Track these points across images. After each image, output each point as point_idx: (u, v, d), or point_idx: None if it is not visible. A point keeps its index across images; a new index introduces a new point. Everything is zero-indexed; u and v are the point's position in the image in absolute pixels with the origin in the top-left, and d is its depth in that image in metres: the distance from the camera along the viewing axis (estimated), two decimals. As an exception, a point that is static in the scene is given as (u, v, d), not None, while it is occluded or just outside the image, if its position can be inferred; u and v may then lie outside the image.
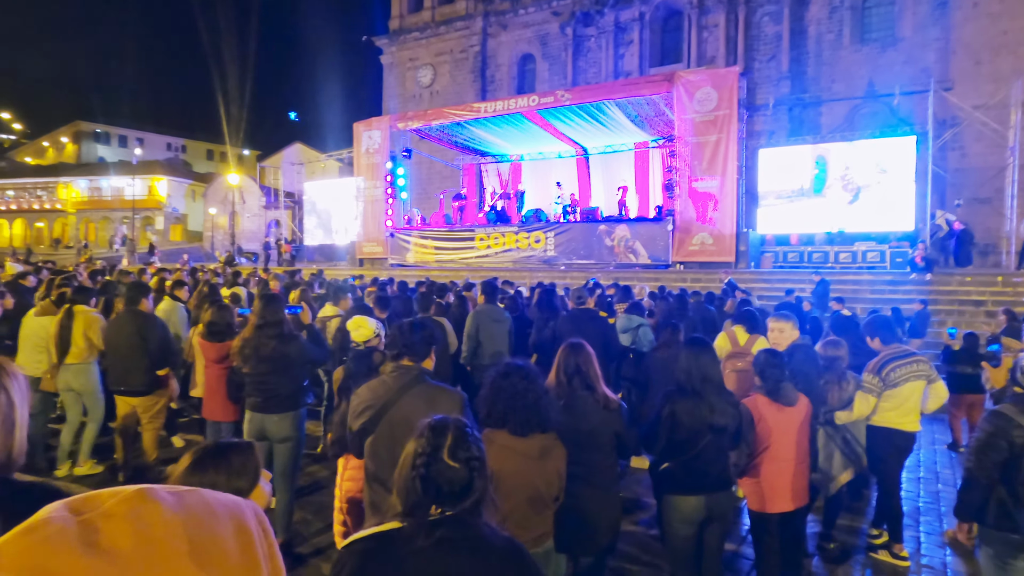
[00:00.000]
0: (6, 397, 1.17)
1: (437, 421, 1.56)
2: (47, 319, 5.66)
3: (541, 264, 18.60)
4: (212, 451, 1.68)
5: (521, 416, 2.32)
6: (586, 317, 5.40)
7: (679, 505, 3.02)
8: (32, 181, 48.45)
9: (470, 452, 1.51)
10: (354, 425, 2.62)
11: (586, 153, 22.41)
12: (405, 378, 2.60)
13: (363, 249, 22.42)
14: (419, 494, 1.46)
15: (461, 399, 2.60)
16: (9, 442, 1.17)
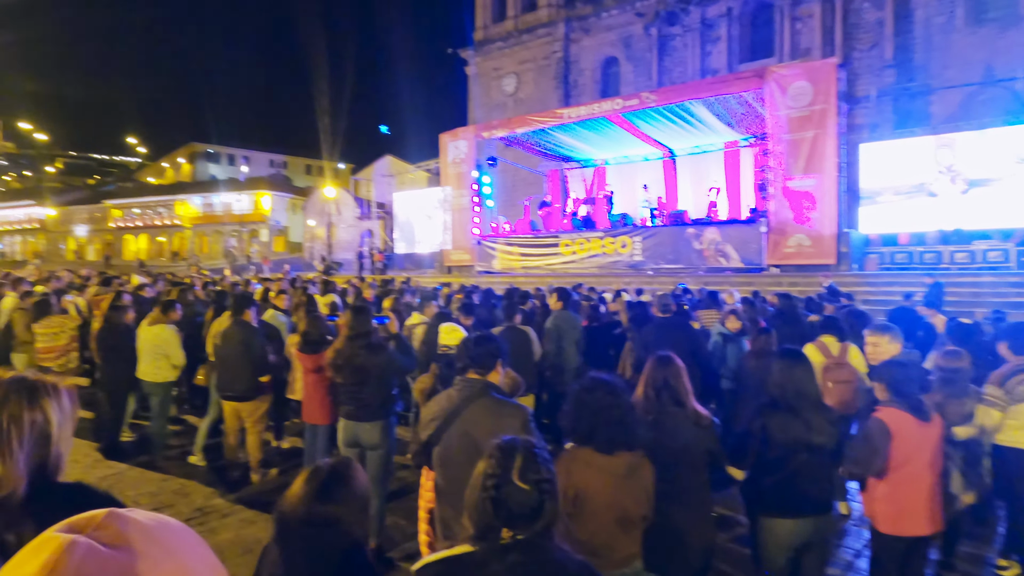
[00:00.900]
0: (43, 416, 1.28)
1: (506, 442, 1.55)
2: (158, 327, 6.15)
3: (628, 269, 18.31)
4: (327, 478, 1.77)
5: (607, 432, 2.28)
6: (673, 326, 5.26)
7: (773, 528, 2.86)
8: (154, 199, 52.80)
9: (540, 474, 1.49)
10: (422, 436, 2.67)
11: (673, 155, 21.89)
12: (469, 391, 2.61)
13: (451, 257, 22.91)
14: (490, 516, 1.45)
15: (525, 414, 2.59)
16: (43, 454, 1.27)
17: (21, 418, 1.25)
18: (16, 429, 1.24)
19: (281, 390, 5.97)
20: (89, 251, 53.81)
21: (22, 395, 1.28)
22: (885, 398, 3.12)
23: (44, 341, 6.84)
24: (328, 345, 5.11)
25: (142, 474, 5.91)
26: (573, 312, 6.38)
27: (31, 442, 1.25)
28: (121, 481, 5.75)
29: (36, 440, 1.26)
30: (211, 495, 5.40)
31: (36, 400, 1.29)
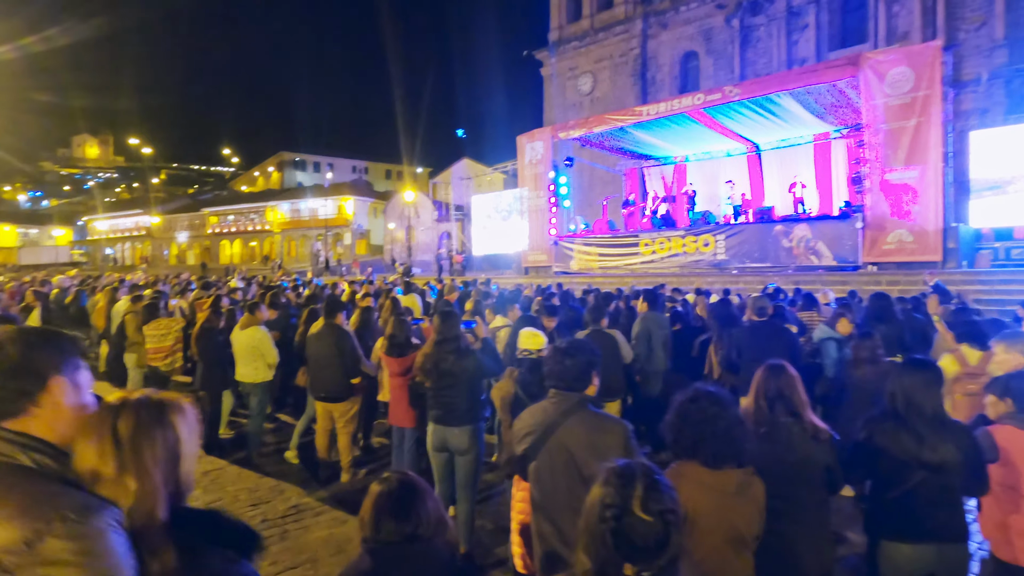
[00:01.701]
0: (173, 434, 1.27)
1: (623, 468, 1.42)
2: (251, 330, 6.41)
3: (711, 268, 17.72)
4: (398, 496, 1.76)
5: (712, 446, 2.14)
6: (769, 330, 4.98)
7: (891, 554, 2.61)
8: (246, 206, 55.83)
9: (663, 504, 1.35)
10: (517, 449, 2.60)
11: (758, 149, 21.03)
12: (565, 404, 2.52)
13: (528, 258, 22.93)
14: (610, 550, 1.33)
15: (625, 429, 2.47)
16: (175, 473, 1.26)
17: (154, 437, 1.24)
18: (150, 449, 1.22)
19: (373, 392, 6.09)
20: (189, 256, 57.47)
21: (152, 413, 1.27)
22: (1004, 412, 2.81)
23: (153, 342, 7.29)
24: (414, 348, 5.17)
25: (240, 471, 6.18)
26: (661, 313, 6.18)
27: (165, 461, 1.24)
28: (222, 476, 6.04)
29: (168, 459, 1.25)
30: (304, 493, 5.57)
31: (165, 417, 1.28)
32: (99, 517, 1.07)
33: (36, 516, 1.04)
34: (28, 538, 1.02)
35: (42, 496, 1.08)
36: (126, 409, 1.25)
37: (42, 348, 1.26)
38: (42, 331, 1.33)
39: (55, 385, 1.24)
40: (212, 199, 62.46)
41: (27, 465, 1.16)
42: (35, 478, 1.14)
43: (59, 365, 1.26)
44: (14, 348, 1.23)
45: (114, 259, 61.81)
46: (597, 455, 2.37)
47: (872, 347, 4.40)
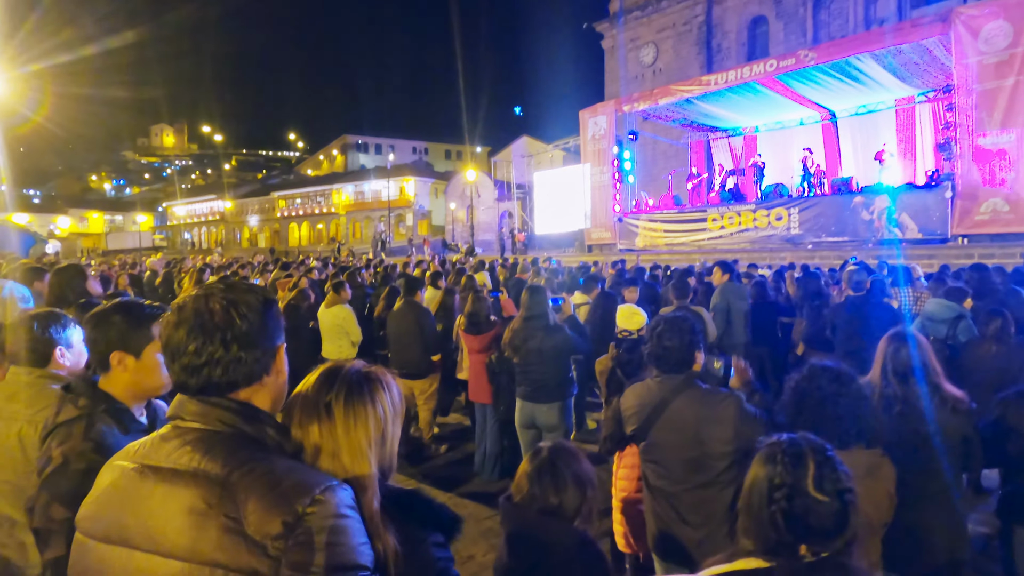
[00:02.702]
0: (381, 410, 1.22)
1: (791, 444, 1.35)
2: (336, 308, 6.59)
3: (783, 243, 17.07)
4: (545, 463, 1.78)
5: (834, 426, 2.04)
6: (866, 306, 4.74)
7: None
8: (312, 189, 57.40)
9: (840, 483, 1.28)
10: (626, 429, 2.57)
11: (834, 117, 20.00)
12: (672, 383, 2.47)
13: (591, 235, 22.69)
14: (782, 532, 1.27)
15: (738, 399, 2.41)
16: (383, 455, 1.21)
17: (365, 416, 1.19)
18: (363, 428, 1.18)
19: (452, 369, 6.17)
20: (260, 239, 59.69)
21: (363, 388, 1.22)
22: None
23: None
24: (493, 325, 5.20)
25: (327, 446, 6.40)
26: (739, 284, 5.97)
27: (375, 442, 1.20)
28: (309, 450, 6.27)
29: (377, 440, 1.20)
30: (389, 467, 5.73)
31: (375, 393, 1.23)
32: (341, 497, 1.06)
33: (292, 498, 1.02)
34: (288, 522, 1.00)
35: (287, 475, 1.05)
36: (339, 384, 1.21)
37: (274, 313, 1.21)
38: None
39: (282, 353, 1.21)
40: (280, 183, 64.52)
41: (253, 436, 1.12)
42: (265, 452, 1.10)
43: (281, 332, 1.21)
44: (254, 313, 1.15)
45: (192, 243, 64.85)
46: (714, 429, 2.33)
47: (1001, 325, 4.08)
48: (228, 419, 1.12)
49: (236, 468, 1.05)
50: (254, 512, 1.01)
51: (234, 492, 1.03)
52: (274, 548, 1.00)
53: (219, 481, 1.04)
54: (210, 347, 1.12)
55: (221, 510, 1.02)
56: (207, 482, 1.05)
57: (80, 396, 1.85)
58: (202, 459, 1.07)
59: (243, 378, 1.15)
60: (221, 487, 1.04)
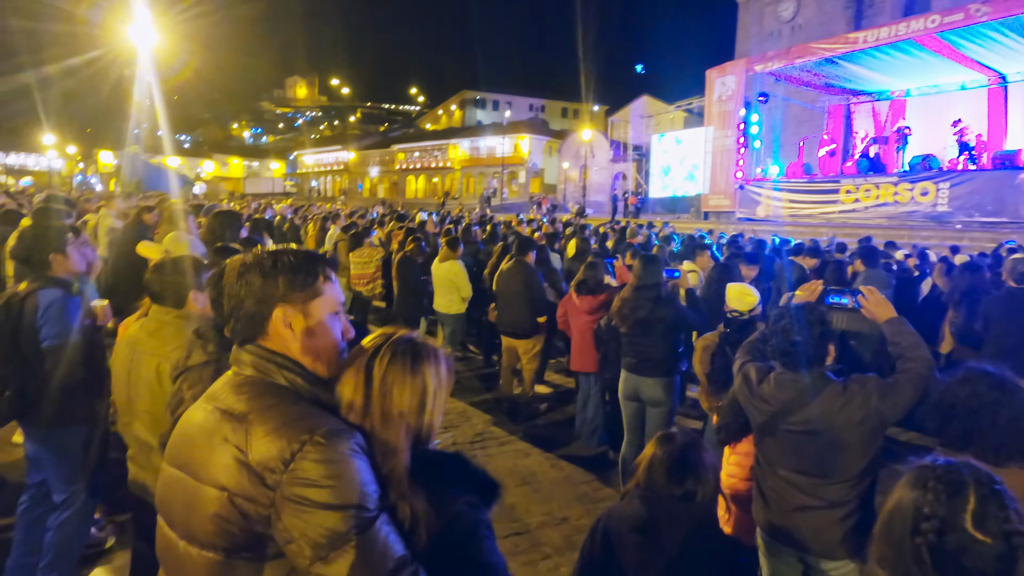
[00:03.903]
0: (422, 382, 1.25)
1: (947, 471, 1.17)
2: (449, 263, 6.74)
3: (926, 221, 15.49)
4: (682, 454, 1.74)
5: (990, 437, 1.82)
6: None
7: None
8: (430, 144, 58.80)
9: (1009, 523, 1.09)
10: (757, 420, 2.43)
11: (1004, 81, 17.61)
12: (805, 380, 2.28)
13: (708, 202, 21.73)
14: (927, 570, 1.12)
15: (875, 381, 2.22)
16: (418, 423, 1.24)
17: (403, 384, 1.23)
18: (398, 395, 1.22)
19: (555, 331, 6.18)
20: (380, 190, 62.24)
21: (407, 358, 1.25)
22: None
23: (357, 268, 7.99)
24: (606, 289, 5.12)
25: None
26: (880, 271, 5.47)
27: (410, 410, 1.23)
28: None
29: (413, 409, 1.24)
30: (489, 422, 5.87)
31: (419, 364, 1.26)
32: (345, 441, 1.11)
33: (292, 435, 1.08)
34: (285, 457, 1.07)
35: (297, 416, 1.13)
36: (385, 349, 1.25)
37: (312, 260, 1.29)
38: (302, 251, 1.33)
39: (294, 310, 1.25)
40: (400, 136, 66.63)
41: (282, 384, 1.20)
42: (289, 397, 1.18)
43: (315, 284, 1.27)
44: (292, 257, 1.26)
45: (318, 191, 68.77)
46: (853, 419, 2.18)
47: None
48: (260, 366, 1.23)
49: (256, 407, 1.15)
50: (256, 444, 1.10)
51: (248, 426, 1.13)
52: (272, 479, 1.08)
53: (239, 417, 1.15)
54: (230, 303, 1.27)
55: (234, 441, 1.12)
56: (231, 419, 1.16)
57: (209, 342, 2.00)
58: (236, 399, 1.19)
59: (248, 332, 1.26)
60: (239, 422, 1.14)
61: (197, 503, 1.14)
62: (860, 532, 2.20)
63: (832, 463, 2.23)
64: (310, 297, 1.26)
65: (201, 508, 1.13)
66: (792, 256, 6.68)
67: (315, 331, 1.26)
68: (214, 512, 1.11)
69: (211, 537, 1.12)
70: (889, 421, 2.22)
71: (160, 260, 2.51)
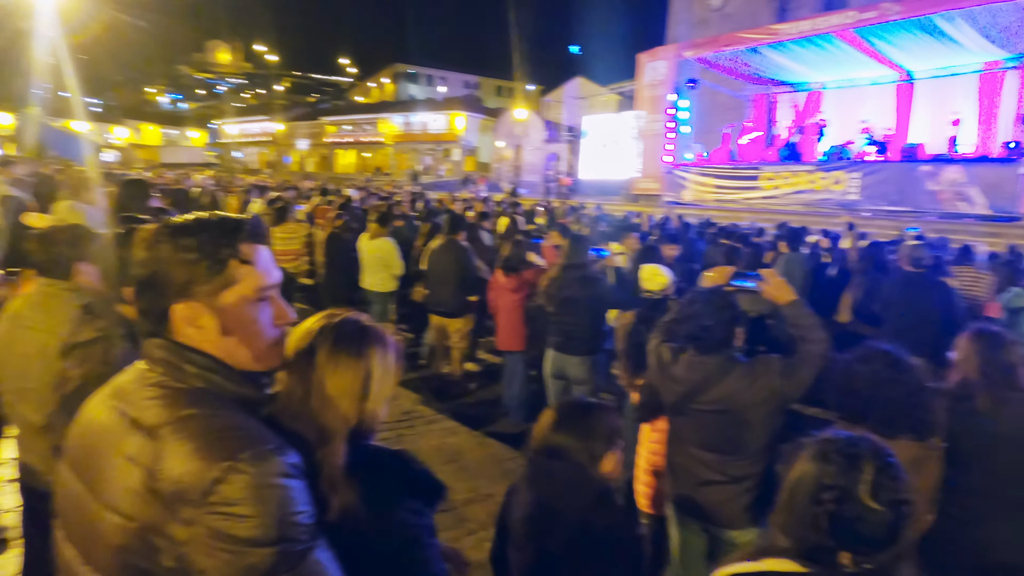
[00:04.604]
0: (366, 367, 1.17)
1: (848, 444, 1.25)
2: (380, 240, 6.61)
3: (838, 208, 16.37)
4: (574, 411, 1.74)
5: (885, 412, 1.96)
6: (923, 284, 4.51)
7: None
8: (361, 117, 57.13)
9: (898, 492, 1.19)
10: (667, 399, 2.51)
11: (911, 77, 18.72)
12: (713, 361, 2.38)
13: (638, 185, 22.18)
14: (824, 536, 1.20)
15: (776, 362, 2.34)
16: (362, 409, 1.17)
17: (344, 367, 1.16)
18: (338, 378, 1.15)
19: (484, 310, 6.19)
20: (308, 163, 60.17)
21: (353, 340, 1.18)
22: None
23: (281, 244, 7.71)
24: (529, 268, 5.16)
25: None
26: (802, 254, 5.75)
27: (351, 396, 1.16)
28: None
29: (355, 394, 1.16)
30: (417, 401, 5.84)
31: (365, 348, 1.19)
32: (274, 464, 0.96)
33: (211, 459, 0.93)
34: (202, 485, 0.92)
35: (218, 434, 0.97)
36: (329, 330, 1.19)
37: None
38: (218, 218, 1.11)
39: (194, 306, 1.04)
40: (330, 108, 64.41)
41: (199, 387, 1.03)
42: (208, 405, 1.01)
43: (223, 271, 1.04)
44: (193, 237, 1.03)
45: (243, 163, 65.83)
46: (757, 398, 2.28)
47: None
48: (172, 365, 1.04)
49: (169, 419, 0.98)
50: (168, 468, 0.94)
51: (159, 445, 0.96)
52: (186, 512, 0.92)
53: (149, 432, 0.98)
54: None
55: (142, 462, 0.96)
56: (139, 431, 0.99)
57: (98, 317, 1.86)
58: (145, 406, 1.01)
59: (150, 326, 1.06)
60: (149, 437, 0.97)
61: (98, 530, 0.98)
62: (761, 503, 2.32)
63: (738, 440, 2.34)
64: (219, 288, 1.03)
65: (102, 536, 0.98)
66: (722, 240, 6.93)
67: (232, 325, 1.05)
68: (117, 544, 0.96)
69: (115, 571, 0.97)
70: (791, 399, 2.33)
71: (43, 229, 2.33)
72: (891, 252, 6.29)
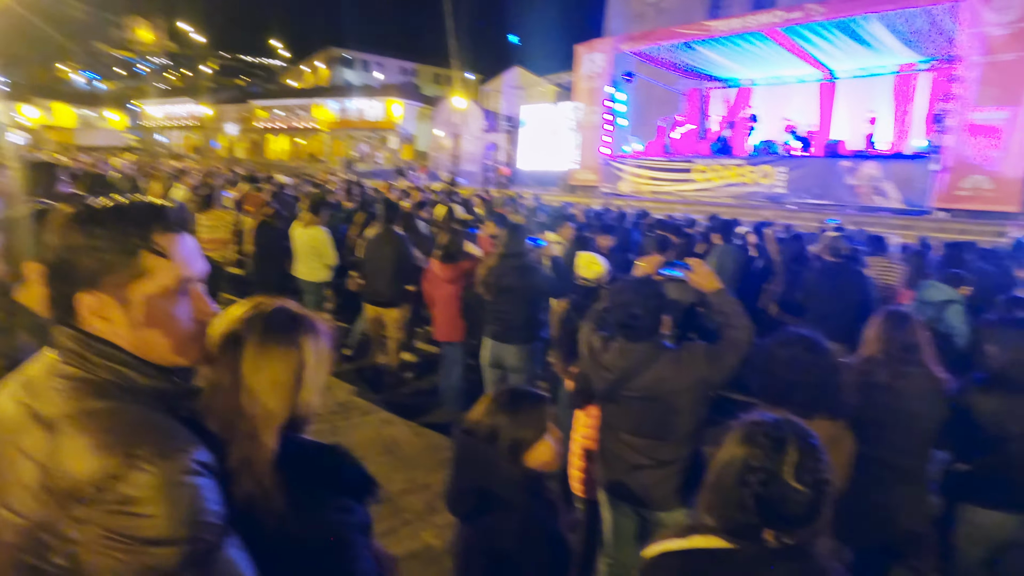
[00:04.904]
0: (298, 356, 1.13)
1: (772, 427, 1.30)
2: (312, 229, 6.42)
3: (766, 201, 17.05)
4: (506, 397, 1.72)
5: (804, 394, 2.04)
6: (842, 273, 4.75)
7: (975, 519, 2.53)
8: (294, 102, 55.29)
9: (820, 473, 1.24)
10: (597, 386, 2.54)
11: (833, 77, 19.66)
12: (642, 349, 2.42)
13: (576, 176, 22.41)
14: (751, 515, 1.25)
15: (702, 348, 2.41)
16: (297, 400, 1.14)
17: (276, 357, 1.12)
18: (269, 369, 1.11)
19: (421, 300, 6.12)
20: (238, 149, 57.89)
21: (283, 329, 1.14)
22: None
23: (207, 232, 7.38)
24: (466, 257, 5.12)
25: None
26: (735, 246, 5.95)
27: (283, 385, 1.12)
28: (274, 369, 6.24)
29: (287, 384, 1.13)
30: (352, 392, 5.72)
31: (297, 336, 1.15)
32: (179, 460, 0.92)
33: (109, 455, 0.89)
34: (98, 482, 0.88)
35: (120, 429, 0.92)
36: (257, 319, 1.14)
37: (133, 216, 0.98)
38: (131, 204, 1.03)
39: (139, 287, 0.99)
40: (261, 92, 62.02)
41: (108, 379, 0.98)
42: (115, 399, 0.96)
43: (133, 261, 0.98)
44: (100, 225, 0.96)
45: (167, 147, 62.71)
46: (684, 384, 2.32)
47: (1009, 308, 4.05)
48: (79, 355, 0.98)
49: (69, 413, 0.93)
50: (64, 463, 0.90)
51: (56, 439, 0.92)
52: (80, 511, 0.89)
53: (48, 424, 0.93)
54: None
55: (37, 457, 0.92)
56: (38, 424, 0.94)
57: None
58: (48, 398, 0.96)
59: (57, 314, 1.01)
60: (47, 431, 0.93)
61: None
62: (689, 485, 2.40)
63: (666, 425, 2.39)
64: (129, 279, 0.97)
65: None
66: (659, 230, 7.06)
67: (145, 318, 1.00)
68: (7, 542, 0.92)
69: (5, 569, 0.93)
70: (716, 384, 2.39)
71: None
72: (812, 243, 6.59)
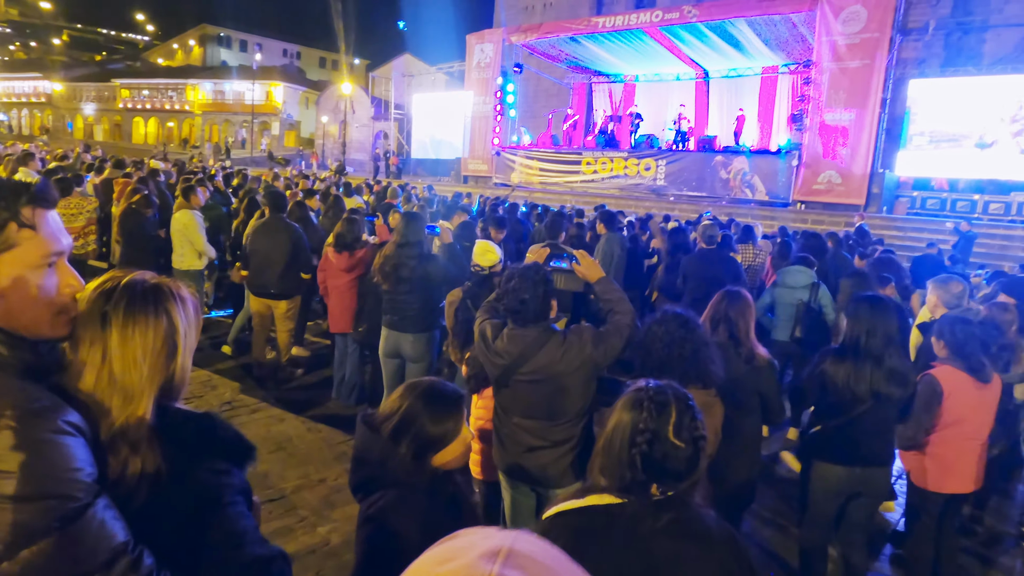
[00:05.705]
0: (169, 323, 1.13)
1: (656, 392, 1.42)
2: (180, 213, 6.05)
3: (649, 193, 17.97)
4: (426, 390, 1.68)
5: (679, 367, 2.21)
6: (715, 259, 5.13)
7: (824, 474, 2.84)
8: (164, 82, 51.20)
9: (696, 430, 1.39)
10: (491, 372, 2.59)
11: (707, 76, 20.95)
12: (530, 336, 2.49)
13: (468, 166, 22.45)
14: (638, 472, 1.36)
15: (590, 329, 2.52)
16: (168, 370, 1.13)
17: (146, 325, 1.10)
18: (141, 338, 1.09)
19: (310, 291, 5.92)
20: (97, 131, 52.86)
21: (147, 299, 1.12)
22: (943, 355, 3.01)
23: (64, 222, 6.73)
24: (363, 246, 5.01)
25: (168, 363, 5.97)
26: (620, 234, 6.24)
27: (156, 353, 1.11)
28: (148, 368, 5.81)
29: (160, 352, 1.11)
30: (238, 389, 5.46)
31: (162, 304, 1.13)
32: (46, 421, 0.94)
33: None
34: None
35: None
36: (118, 292, 1.11)
37: None
38: None
39: (4, 261, 1.01)
40: (124, 70, 56.80)
41: None
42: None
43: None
44: None
45: (8, 126, 56.07)
46: (572, 366, 2.42)
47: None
48: None
49: None
50: None
51: None
52: None
53: None
54: None
55: None
56: None
57: None
58: None
59: None
60: None
61: None
62: (582, 461, 2.52)
63: (556, 407, 2.49)
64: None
65: None
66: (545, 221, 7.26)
67: (10, 291, 1.01)
68: None
69: None
70: (601, 365, 2.50)
71: None
72: (691, 232, 7.06)
